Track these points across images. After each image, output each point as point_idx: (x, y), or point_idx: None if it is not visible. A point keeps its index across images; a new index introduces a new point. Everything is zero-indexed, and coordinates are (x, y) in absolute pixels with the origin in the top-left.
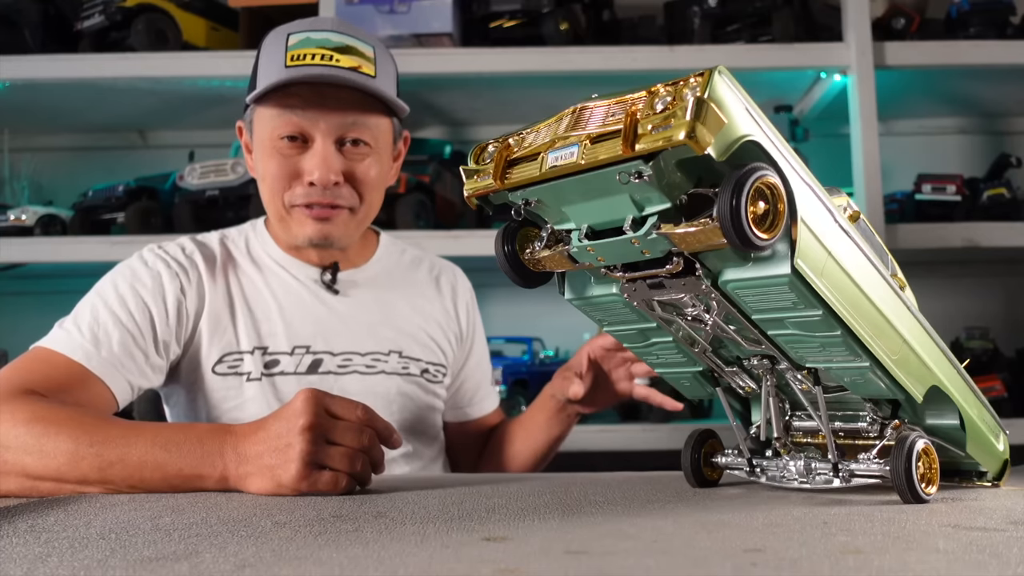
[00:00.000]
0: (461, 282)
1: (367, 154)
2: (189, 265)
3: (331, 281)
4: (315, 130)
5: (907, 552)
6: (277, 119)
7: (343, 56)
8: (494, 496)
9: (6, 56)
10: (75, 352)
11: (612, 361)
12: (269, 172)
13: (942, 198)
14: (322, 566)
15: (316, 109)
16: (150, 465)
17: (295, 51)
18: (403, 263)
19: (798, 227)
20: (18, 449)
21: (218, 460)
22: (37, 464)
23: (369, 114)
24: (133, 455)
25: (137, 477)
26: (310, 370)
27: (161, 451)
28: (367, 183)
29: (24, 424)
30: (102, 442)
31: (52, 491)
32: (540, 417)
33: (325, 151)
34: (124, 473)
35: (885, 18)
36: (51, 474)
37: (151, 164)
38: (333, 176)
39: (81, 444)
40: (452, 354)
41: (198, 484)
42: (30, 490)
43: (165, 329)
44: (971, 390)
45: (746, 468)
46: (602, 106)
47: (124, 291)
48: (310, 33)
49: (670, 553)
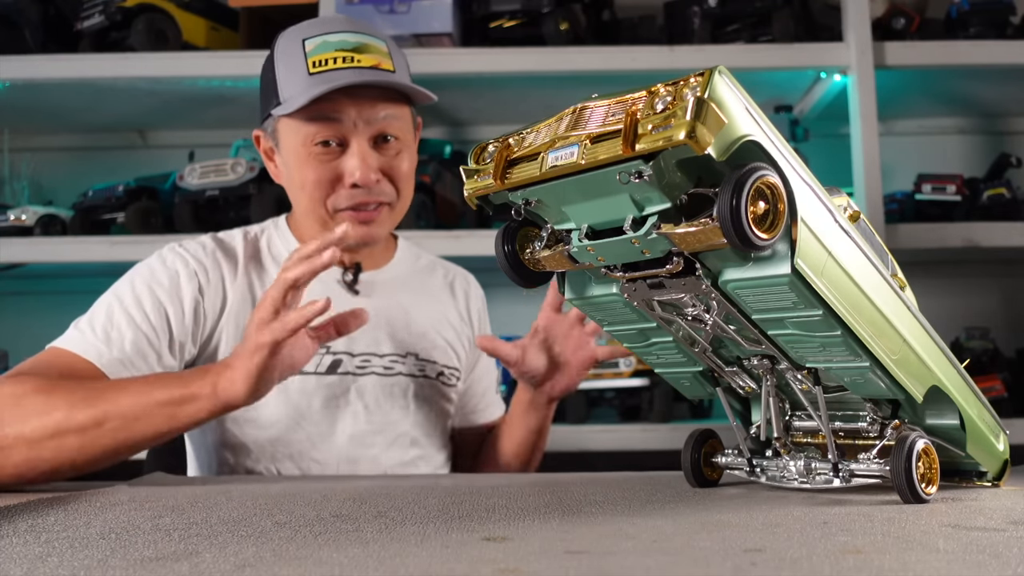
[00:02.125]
0: (474, 288)
1: (399, 148)
2: (211, 264)
3: (352, 282)
4: (351, 133)
5: (907, 552)
6: (309, 126)
7: (362, 55)
8: (494, 496)
9: (6, 56)
10: (87, 351)
11: (561, 326)
12: (308, 179)
13: (942, 198)
14: (322, 566)
15: (348, 112)
16: (143, 400)
17: (315, 56)
18: (419, 267)
19: (798, 227)
20: (15, 420)
21: (206, 375)
22: (36, 429)
23: (396, 109)
24: (125, 396)
25: (132, 415)
26: (329, 370)
27: (151, 387)
28: (402, 176)
29: (21, 398)
30: (94, 394)
31: (54, 452)
32: (517, 411)
33: (363, 151)
34: (119, 411)
35: (885, 18)
36: (50, 431)
37: (151, 164)
38: (374, 175)
39: (75, 399)
40: (466, 358)
41: (193, 406)
42: (34, 460)
43: (181, 329)
44: (971, 390)
45: (746, 468)
46: (602, 106)
47: (141, 291)
48: (326, 36)
49: (670, 553)
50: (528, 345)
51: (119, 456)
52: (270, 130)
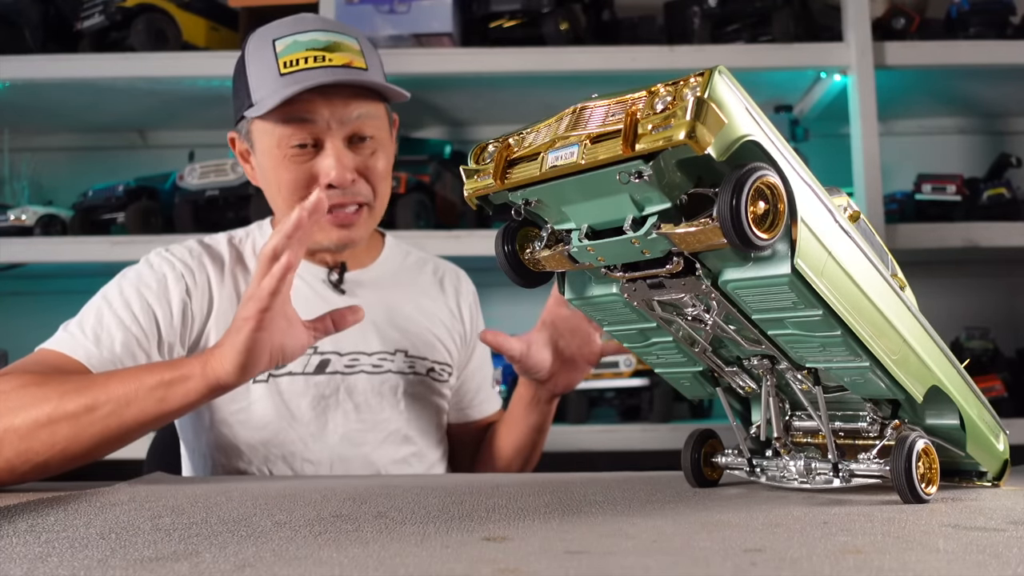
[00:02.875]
0: (464, 284)
1: (374, 147)
2: (196, 267)
3: (338, 281)
4: (324, 133)
5: (907, 552)
6: (284, 128)
7: (333, 54)
8: (494, 496)
9: (6, 56)
10: (76, 352)
11: (568, 321)
12: (284, 181)
13: (942, 198)
14: (322, 566)
15: (321, 112)
16: (132, 386)
17: (286, 57)
18: (408, 265)
19: (798, 227)
20: (5, 413)
21: (196, 357)
22: (27, 420)
23: (370, 107)
24: (114, 384)
25: (123, 399)
26: (317, 370)
27: (143, 371)
28: (378, 175)
29: (11, 392)
30: (85, 384)
31: (47, 442)
32: (517, 408)
33: (338, 151)
34: (110, 399)
35: (885, 18)
36: (42, 421)
37: (151, 164)
38: (349, 175)
39: (66, 386)
40: (457, 354)
41: (183, 387)
42: (26, 452)
43: (170, 331)
44: (971, 390)
45: (746, 468)
46: (602, 106)
47: (129, 294)
48: (296, 36)
49: (670, 553)
50: (533, 340)
51: (111, 446)
52: (244, 132)
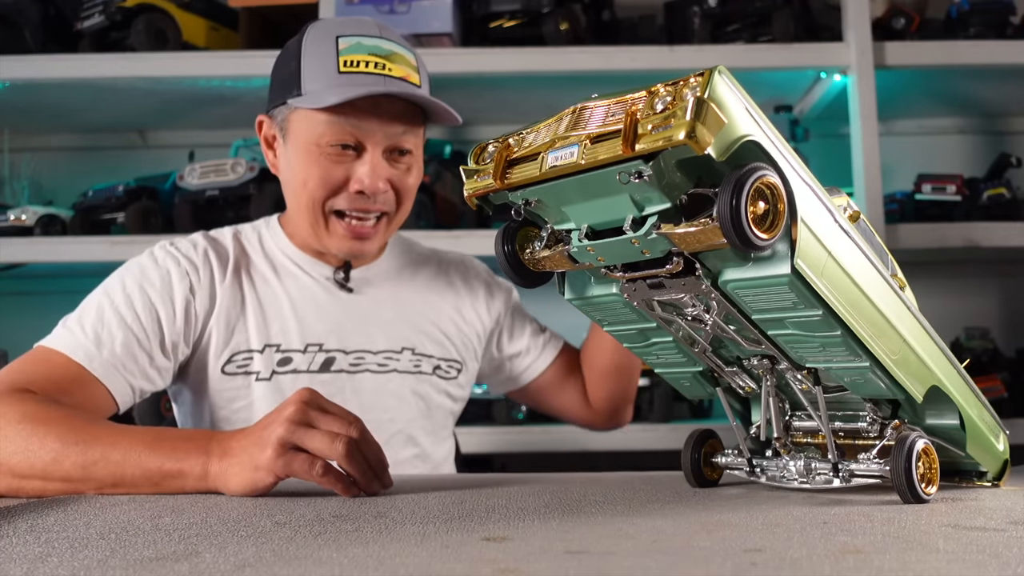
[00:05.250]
0: (472, 270)
1: (410, 163)
2: (201, 263)
3: (344, 279)
4: (369, 140)
5: (907, 552)
6: (329, 125)
7: (393, 65)
8: (494, 496)
9: (6, 56)
10: (76, 352)
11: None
12: (312, 177)
13: (942, 198)
14: (322, 566)
15: (372, 119)
16: (132, 462)
17: (348, 56)
18: (412, 260)
19: (798, 227)
20: (5, 448)
21: (202, 455)
22: (23, 463)
23: (416, 125)
24: (116, 453)
25: (119, 475)
26: (323, 368)
27: (144, 448)
28: (406, 191)
29: (14, 424)
30: (87, 441)
31: (38, 491)
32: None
33: (376, 161)
34: (106, 471)
35: (885, 18)
36: (37, 472)
37: (151, 164)
38: (382, 185)
39: (67, 443)
40: (473, 348)
41: (179, 482)
42: (16, 490)
43: (172, 330)
44: (971, 390)
45: (746, 468)
46: (602, 106)
47: (132, 291)
48: (361, 38)
49: (670, 553)
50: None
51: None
52: (280, 118)
